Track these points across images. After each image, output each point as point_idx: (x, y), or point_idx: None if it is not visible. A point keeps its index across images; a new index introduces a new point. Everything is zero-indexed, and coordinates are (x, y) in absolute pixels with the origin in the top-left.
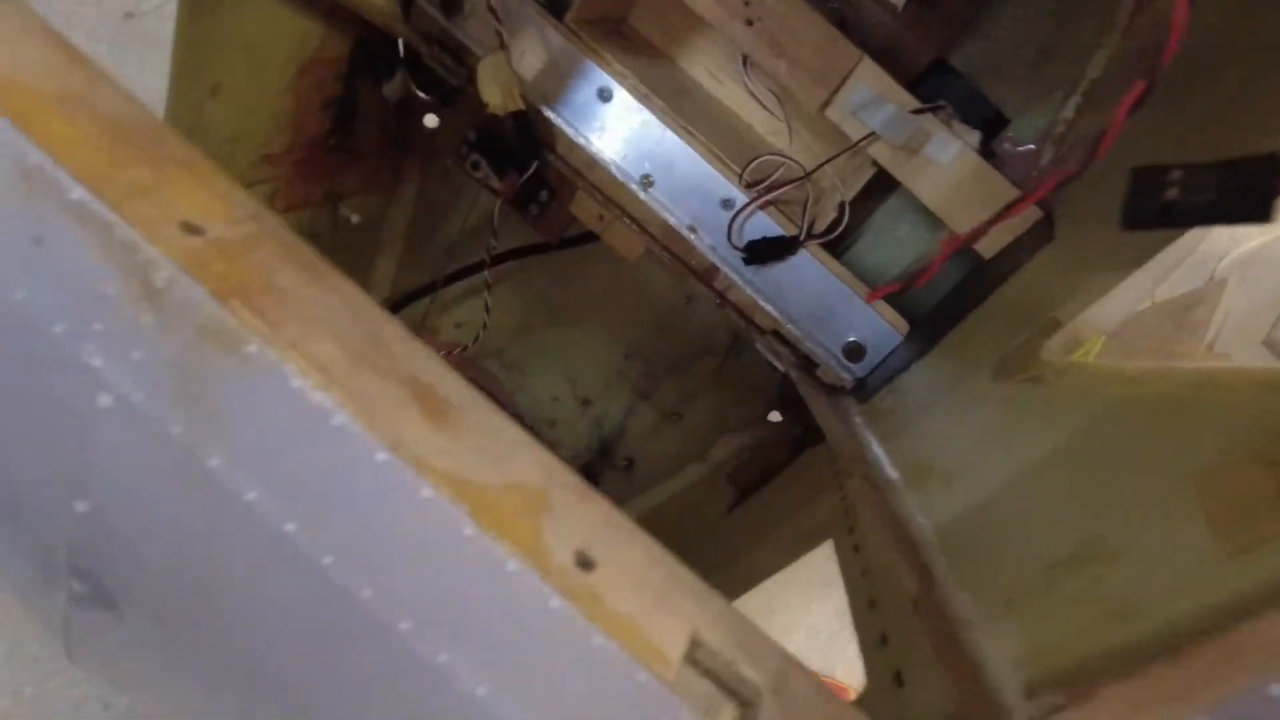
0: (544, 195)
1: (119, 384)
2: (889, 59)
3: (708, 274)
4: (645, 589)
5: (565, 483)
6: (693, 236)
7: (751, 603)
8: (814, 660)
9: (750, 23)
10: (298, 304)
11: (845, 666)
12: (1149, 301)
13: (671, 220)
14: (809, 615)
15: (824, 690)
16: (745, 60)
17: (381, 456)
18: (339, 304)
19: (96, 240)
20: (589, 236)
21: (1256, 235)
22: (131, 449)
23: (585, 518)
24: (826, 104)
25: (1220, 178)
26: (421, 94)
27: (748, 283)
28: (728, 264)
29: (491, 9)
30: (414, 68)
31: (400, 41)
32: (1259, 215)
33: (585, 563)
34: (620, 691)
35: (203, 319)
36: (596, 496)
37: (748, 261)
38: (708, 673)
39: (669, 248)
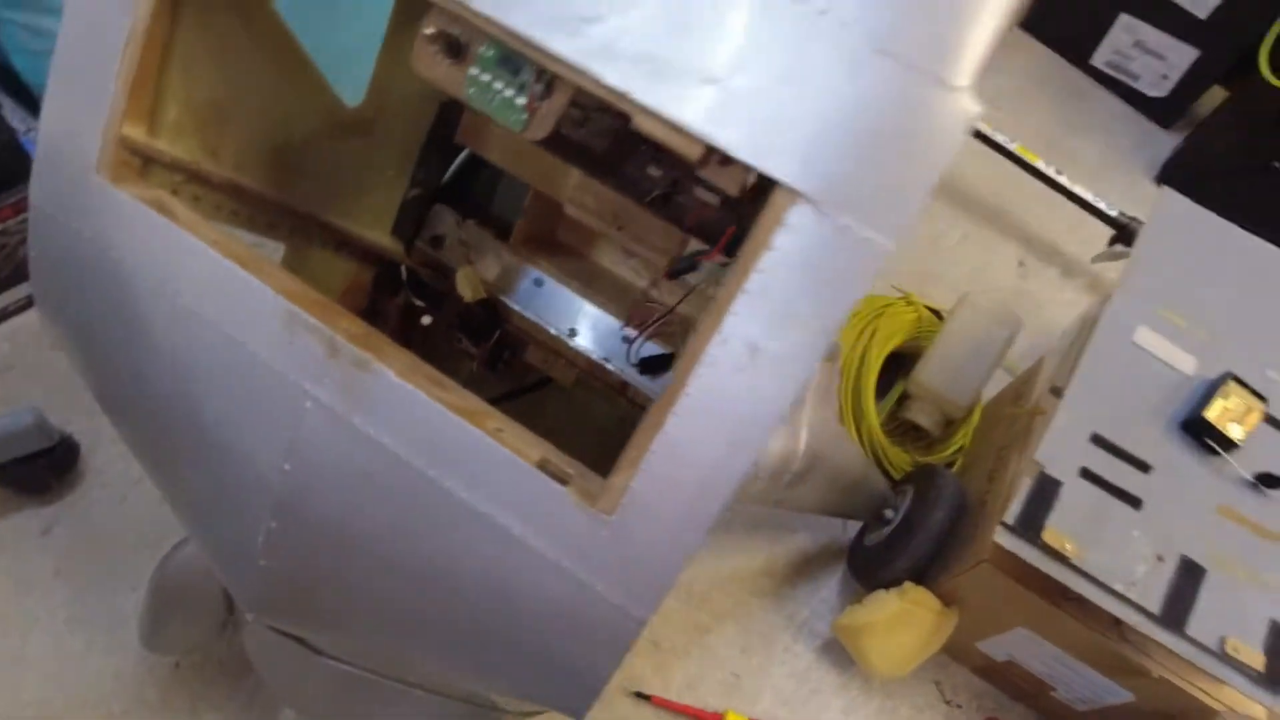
0: (507, 354)
1: (317, 394)
2: (709, 231)
3: (622, 387)
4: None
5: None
6: (607, 364)
7: (719, 673)
8: (783, 715)
9: (620, 228)
10: (395, 355)
11: (808, 719)
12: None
13: (592, 356)
14: (771, 677)
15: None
16: (625, 249)
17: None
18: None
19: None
20: (543, 381)
21: (1069, 316)
22: (321, 430)
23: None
24: (669, 268)
25: None
26: (419, 302)
27: (649, 389)
28: (634, 379)
29: (462, 241)
30: (414, 284)
31: (403, 267)
32: None
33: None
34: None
35: (354, 357)
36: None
37: (643, 373)
38: (553, 472)
39: (594, 374)
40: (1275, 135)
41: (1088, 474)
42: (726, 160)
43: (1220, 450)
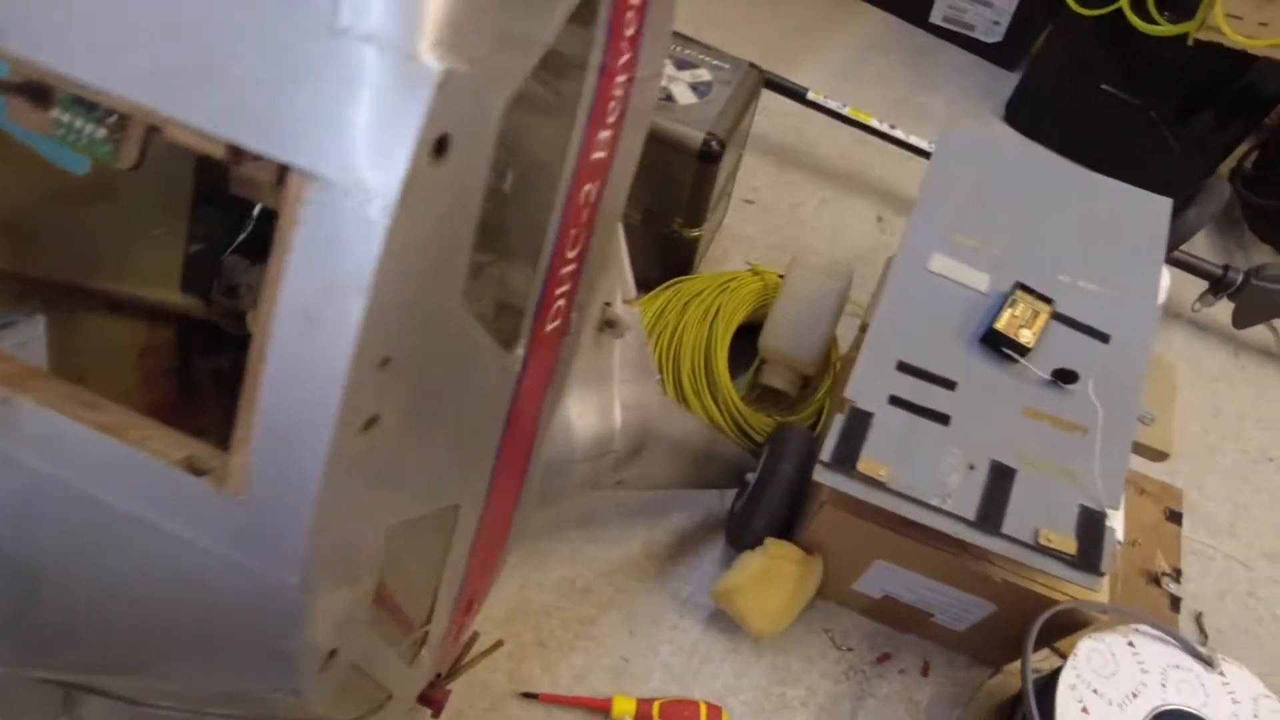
0: None
1: None
2: None
3: None
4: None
5: None
6: None
7: (606, 660)
8: (675, 689)
9: None
10: (41, 386)
11: (701, 689)
12: None
13: None
14: (660, 655)
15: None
16: None
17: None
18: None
19: None
20: None
21: None
22: None
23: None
24: None
25: None
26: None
27: None
28: None
29: (250, 286)
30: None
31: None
32: None
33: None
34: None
35: None
36: None
37: None
38: (195, 467)
39: None
40: (1094, 60)
41: (896, 401)
42: (255, 157)
43: (1016, 356)
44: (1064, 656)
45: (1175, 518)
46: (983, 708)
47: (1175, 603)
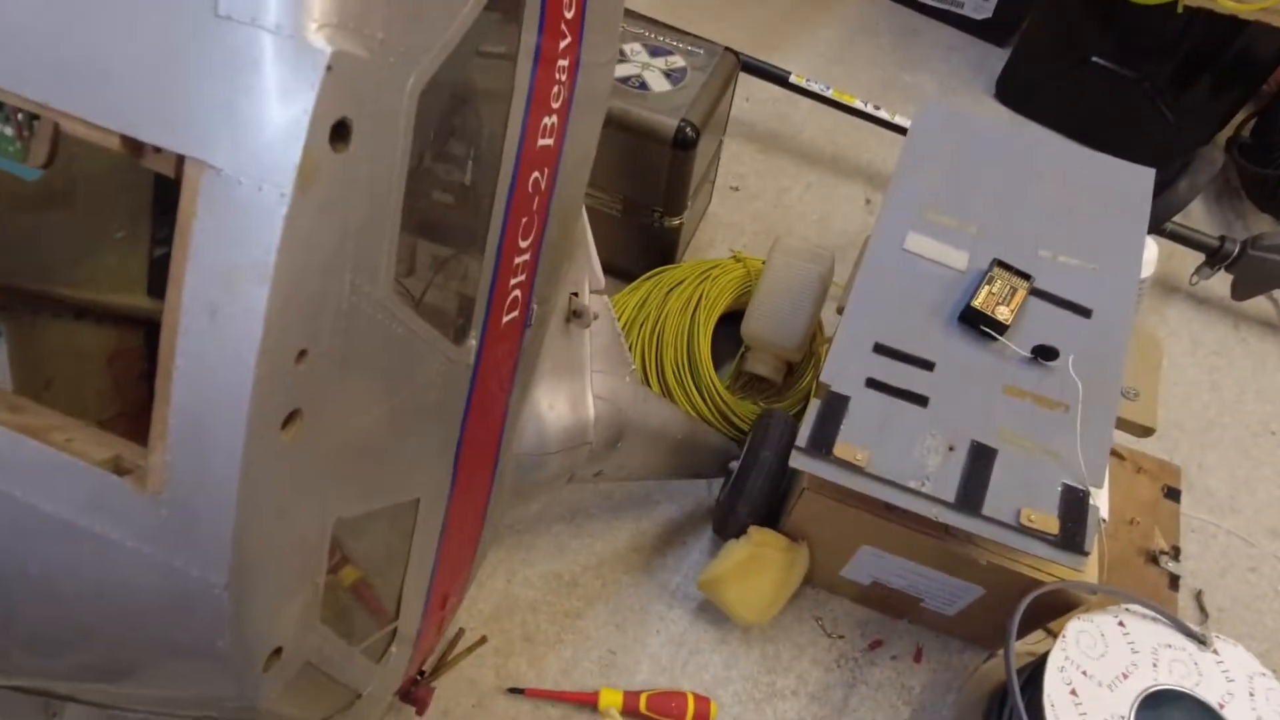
0: None
1: None
2: None
3: None
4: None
5: None
6: None
7: (594, 653)
8: (664, 681)
9: None
10: None
11: (690, 680)
12: None
13: None
14: (648, 648)
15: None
16: None
17: None
18: None
19: None
20: None
21: None
22: None
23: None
24: None
25: None
26: None
27: None
28: None
29: None
30: None
31: None
32: None
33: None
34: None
35: None
36: None
37: None
38: (119, 467)
39: None
40: (1085, 32)
41: (874, 383)
42: (155, 149)
43: (994, 334)
44: (1056, 637)
45: (1174, 495)
46: (977, 692)
47: (1174, 581)
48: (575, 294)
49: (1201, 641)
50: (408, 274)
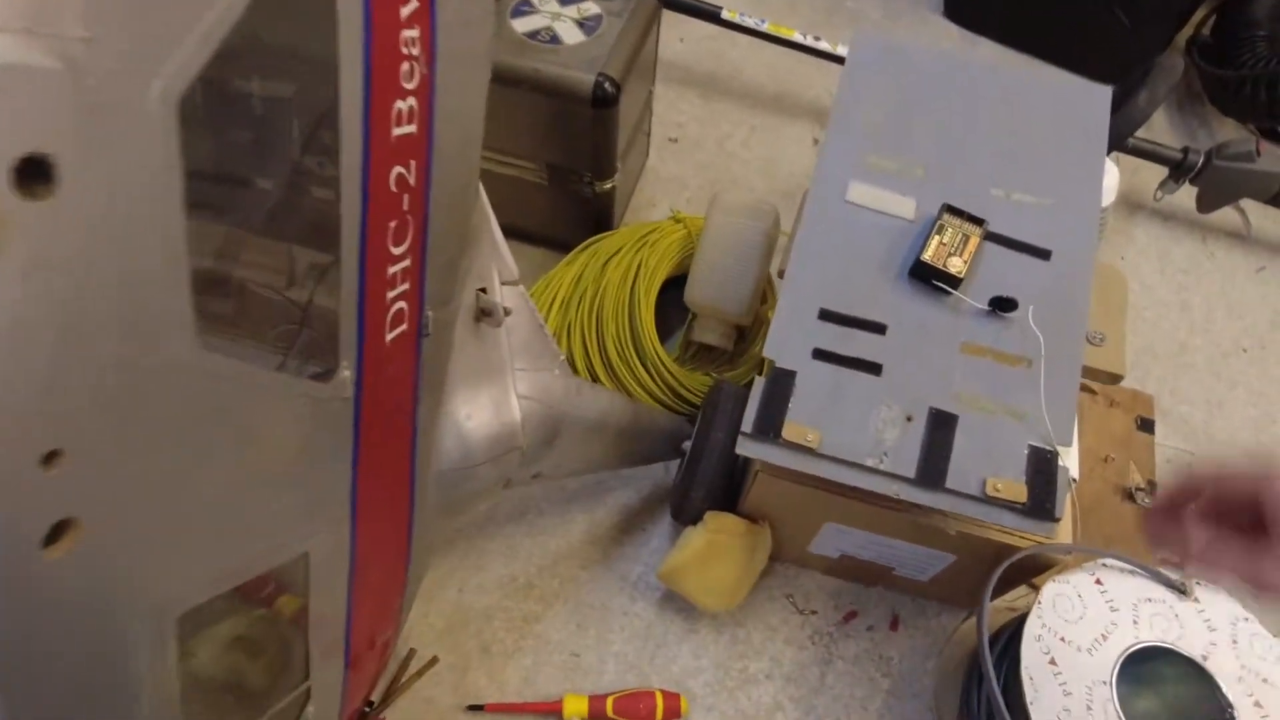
0: None
1: None
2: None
3: None
4: None
5: None
6: None
7: (556, 658)
8: (632, 679)
9: None
10: None
11: (659, 675)
12: None
13: None
14: (612, 646)
15: None
16: None
17: None
18: None
19: None
20: None
21: None
22: None
23: None
24: None
25: None
26: None
27: None
28: None
29: None
30: None
31: None
32: None
33: None
34: None
35: None
36: None
37: None
38: None
39: None
40: None
41: (821, 354)
42: None
43: (948, 289)
44: (1039, 590)
45: (1147, 426)
46: (956, 653)
47: None
48: (483, 290)
49: (1182, 591)
50: (236, 313)
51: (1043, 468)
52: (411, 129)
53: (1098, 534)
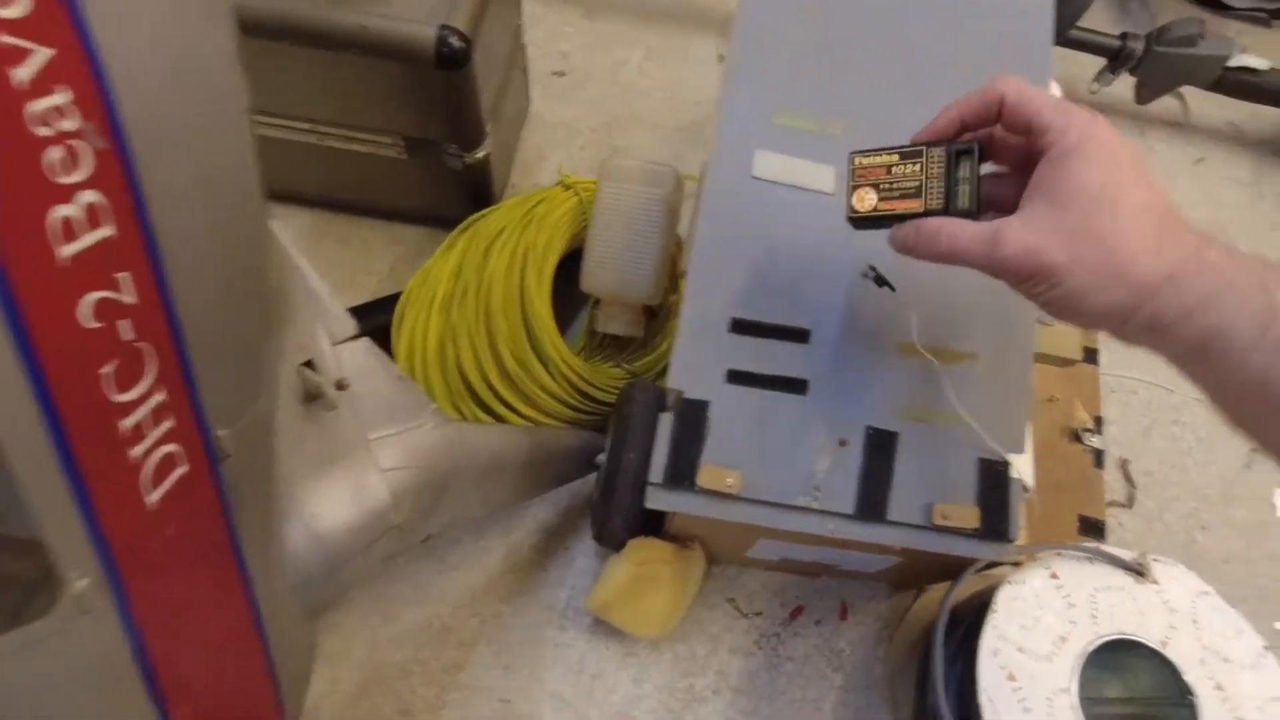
0: None
1: None
2: None
3: None
4: None
5: None
6: None
7: (485, 709)
8: (569, 718)
9: None
10: None
11: (598, 710)
12: None
13: None
14: (546, 685)
15: None
16: None
17: None
18: None
19: None
20: None
21: None
22: None
23: None
24: None
25: None
26: None
27: None
28: None
29: None
30: None
31: None
32: None
33: None
34: None
35: None
36: None
37: None
38: None
39: None
40: None
41: (737, 376)
42: None
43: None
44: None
45: (1092, 357)
46: (909, 636)
47: (1099, 458)
48: (308, 363)
49: (1139, 573)
50: None
51: (994, 483)
52: (105, 233)
53: (1047, 481)
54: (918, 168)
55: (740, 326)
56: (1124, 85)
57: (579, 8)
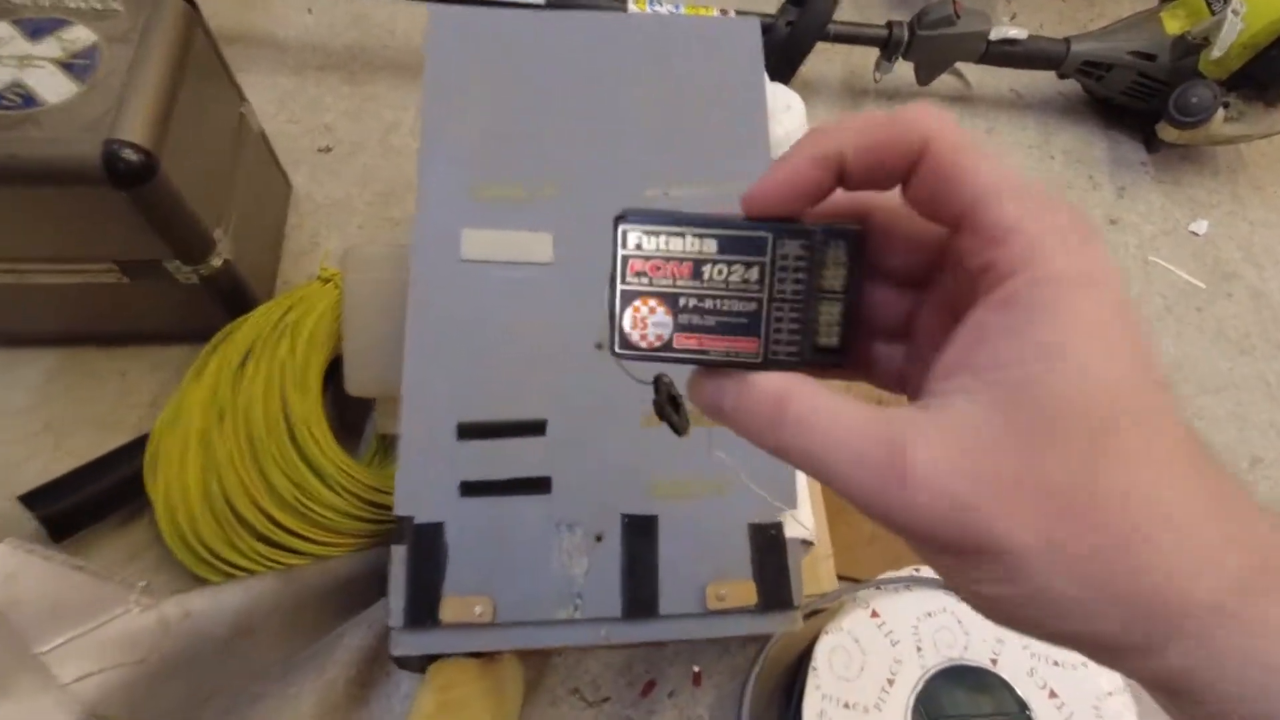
0: None
1: None
2: None
3: None
4: None
5: None
6: None
7: None
8: None
9: None
10: None
11: None
12: None
13: None
14: None
15: None
16: None
17: None
18: None
19: None
20: None
21: None
22: None
23: None
24: None
25: None
26: None
27: None
28: None
29: None
30: None
31: None
32: None
33: None
34: None
35: None
36: None
37: None
38: None
39: None
40: None
41: (472, 488)
42: None
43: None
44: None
45: None
46: (767, 684)
47: None
48: None
49: None
50: None
51: (769, 548)
52: None
53: None
54: (756, 272)
55: (468, 431)
56: (906, 69)
57: (337, 73)
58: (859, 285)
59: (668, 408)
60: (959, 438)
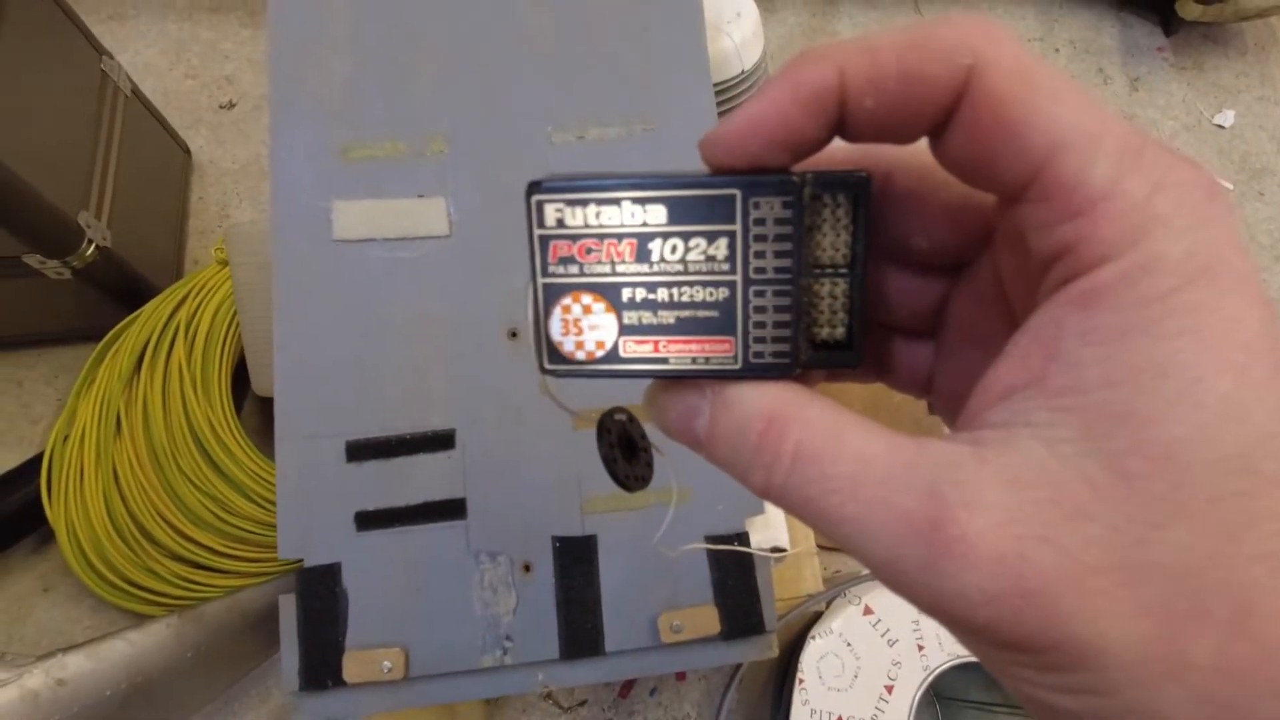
0: None
1: None
2: None
3: None
4: None
5: None
6: None
7: None
8: None
9: None
10: None
11: None
12: None
13: None
14: None
15: None
16: None
17: None
18: None
19: None
20: None
21: None
22: None
23: None
24: None
25: None
26: None
27: None
28: None
29: None
30: None
31: None
32: None
33: None
34: None
35: None
36: None
37: None
38: None
39: None
40: None
41: (369, 519)
42: None
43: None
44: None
45: None
46: (756, 676)
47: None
48: None
49: None
50: None
51: (732, 563)
52: None
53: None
54: (723, 245)
55: (359, 451)
56: None
57: (234, 13)
58: (867, 254)
59: (620, 461)
60: (1031, 492)
